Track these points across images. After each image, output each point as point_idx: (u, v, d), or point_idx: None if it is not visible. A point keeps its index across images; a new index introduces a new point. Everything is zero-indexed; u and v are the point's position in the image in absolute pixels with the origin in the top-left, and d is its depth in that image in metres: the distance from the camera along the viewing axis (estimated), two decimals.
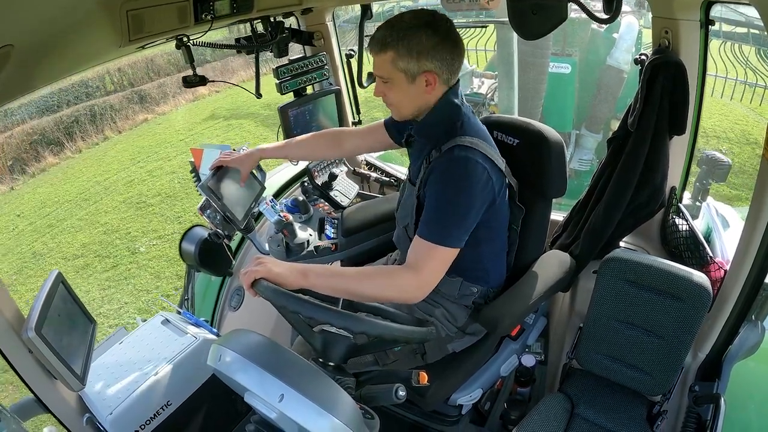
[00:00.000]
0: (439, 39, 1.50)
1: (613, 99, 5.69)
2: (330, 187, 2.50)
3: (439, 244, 1.51)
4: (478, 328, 1.83)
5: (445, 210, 1.53)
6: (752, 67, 7.06)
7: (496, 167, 1.60)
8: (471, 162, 1.53)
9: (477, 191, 1.54)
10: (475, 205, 1.54)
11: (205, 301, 2.57)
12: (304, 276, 1.39)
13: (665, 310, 1.73)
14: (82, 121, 10.69)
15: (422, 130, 1.67)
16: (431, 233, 1.52)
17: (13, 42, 1.02)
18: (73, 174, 9.28)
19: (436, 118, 1.63)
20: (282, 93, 2.40)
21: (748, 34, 7.28)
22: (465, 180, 1.53)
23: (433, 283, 1.53)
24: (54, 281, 1.45)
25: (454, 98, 1.62)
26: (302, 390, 1.08)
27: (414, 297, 1.52)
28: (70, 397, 1.52)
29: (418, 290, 1.51)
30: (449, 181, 1.54)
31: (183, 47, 1.85)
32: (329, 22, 2.62)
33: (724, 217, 2.11)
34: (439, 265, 1.53)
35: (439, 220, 1.53)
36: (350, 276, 1.48)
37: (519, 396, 2.24)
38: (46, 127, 10.35)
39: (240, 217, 2.04)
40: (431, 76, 1.54)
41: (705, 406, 1.71)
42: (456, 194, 1.53)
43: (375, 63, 1.58)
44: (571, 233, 2.17)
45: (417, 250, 1.53)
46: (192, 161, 2.13)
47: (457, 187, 1.53)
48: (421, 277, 1.50)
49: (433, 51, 1.50)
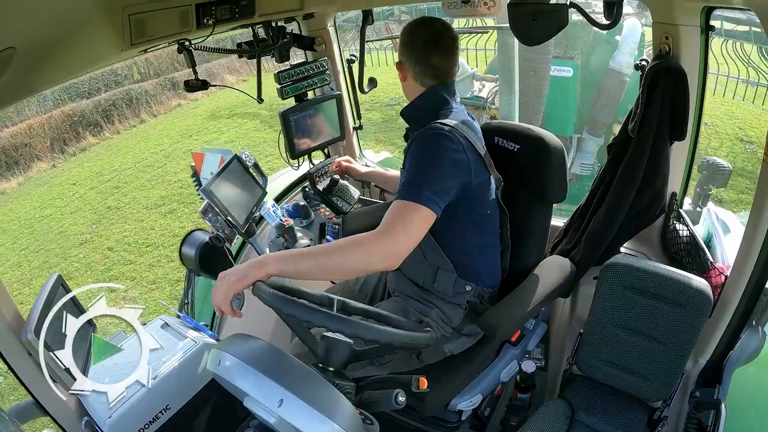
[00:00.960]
0: (419, 40, 1.74)
1: (615, 102, 5.69)
2: (331, 192, 2.50)
3: (411, 201, 1.50)
4: (474, 330, 1.83)
5: (417, 172, 1.58)
6: (755, 66, 7.06)
7: (475, 150, 1.67)
8: (444, 132, 1.63)
9: (448, 157, 1.60)
10: (444, 168, 1.59)
11: (205, 306, 2.56)
12: (262, 265, 1.34)
13: (666, 315, 1.72)
14: (119, 105, 11.52)
15: (407, 111, 1.84)
16: (404, 193, 1.53)
17: (16, 45, 1.03)
18: (121, 150, 10.24)
19: (422, 103, 1.78)
20: (283, 98, 2.40)
21: (749, 32, 7.29)
22: (435, 145, 1.61)
23: (406, 246, 1.47)
24: (54, 284, 1.45)
25: (444, 92, 1.76)
26: (302, 395, 1.07)
27: (386, 262, 1.46)
28: (69, 400, 1.51)
29: (389, 255, 1.44)
30: (420, 148, 1.63)
31: (185, 51, 1.86)
32: (330, 27, 2.63)
33: (724, 222, 2.11)
34: (411, 225, 1.48)
35: (411, 180, 1.56)
36: (318, 253, 1.44)
37: (519, 402, 2.23)
38: (85, 110, 11.26)
39: (241, 221, 2.04)
40: (400, 67, 1.80)
41: (706, 412, 1.70)
42: (426, 158, 1.60)
43: None
44: (571, 239, 2.17)
45: (390, 211, 1.51)
46: (193, 165, 2.13)
47: (427, 152, 1.61)
48: (392, 239, 1.44)
49: (405, 47, 1.77)
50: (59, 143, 10.64)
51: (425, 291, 1.86)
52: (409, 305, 1.86)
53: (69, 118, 10.93)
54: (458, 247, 1.77)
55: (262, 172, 2.27)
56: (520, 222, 1.89)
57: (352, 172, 2.46)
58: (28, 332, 1.29)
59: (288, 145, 2.42)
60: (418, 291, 1.88)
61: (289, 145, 2.42)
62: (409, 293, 1.90)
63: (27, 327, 1.30)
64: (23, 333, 1.29)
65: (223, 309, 1.35)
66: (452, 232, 1.74)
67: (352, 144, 2.90)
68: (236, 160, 2.12)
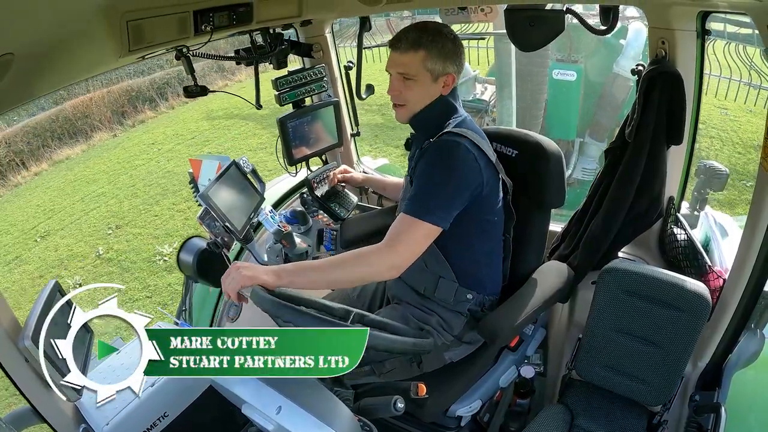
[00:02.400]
0: (458, 47, 1.69)
1: (618, 107, 5.67)
2: (329, 198, 2.50)
3: (418, 218, 1.55)
4: (474, 337, 1.83)
5: (428, 187, 1.59)
6: (756, 69, 7.07)
7: (486, 157, 1.67)
8: (457, 144, 1.61)
9: (461, 172, 1.60)
10: (458, 185, 1.60)
11: (202, 312, 2.56)
12: (278, 276, 1.43)
13: (664, 319, 1.72)
14: (172, 83, 12.24)
15: (419, 121, 1.76)
16: (412, 208, 1.57)
17: (14, 50, 1.03)
18: (185, 119, 11.07)
19: (433, 112, 1.73)
20: (281, 104, 2.40)
21: (752, 35, 7.30)
22: (450, 160, 1.60)
23: (407, 260, 1.55)
24: (51, 290, 1.44)
25: (452, 99, 1.73)
26: (300, 402, 1.07)
27: (387, 274, 1.56)
28: (66, 407, 1.51)
29: (391, 266, 1.53)
30: (435, 160, 1.63)
31: (183, 58, 1.86)
32: (328, 34, 2.63)
33: (722, 226, 2.11)
34: (415, 241, 1.55)
35: (421, 196, 1.59)
36: (324, 266, 1.54)
37: (518, 407, 2.22)
38: (141, 86, 12.06)
39: (239, 227, 2.04)
40: (450, 78, 1.70)
41: (705, 416, 1.69)
42: (440, 172, 1.60)
43: (400, 61, 1.69)
44: (569, 244, 2.17)
45: (396, 225, 1.58)
46: (191, 172, 2.13)
47: (441, 166, 1.61)
48: (395, 253, 1.53)
49: (454, 56, 1.68)
50: (118, 116, 11.54)
51: (425, 299, 1.85)
52: (409, 312, 1.85)
53: (127, 93, 11.81)
54: (464, 255, 1.76)
55: (260, 178, 2.27)
56: (519, 227, 1.89)
57: (350, 181, 2.46)
58: (25, 338, 1.28)
59: (286, 152, 2.42)
60: (418, 298, 1.86)
61: (286, 152, 2.42)
62: (408, 300, 1.89)
63: (24, 333, 1.29)
64: (20, 339, 1.29)
65: (230, 295, 1.43)
66: (459, 239, 1.73)
67: (349, 150, 2.89)
68: (234, 166, 2.12)
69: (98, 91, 11.32)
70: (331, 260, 1.56)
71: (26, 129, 10.34)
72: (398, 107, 1.74)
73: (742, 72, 7.08)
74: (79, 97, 11.05)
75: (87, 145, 10.66)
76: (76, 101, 11.00)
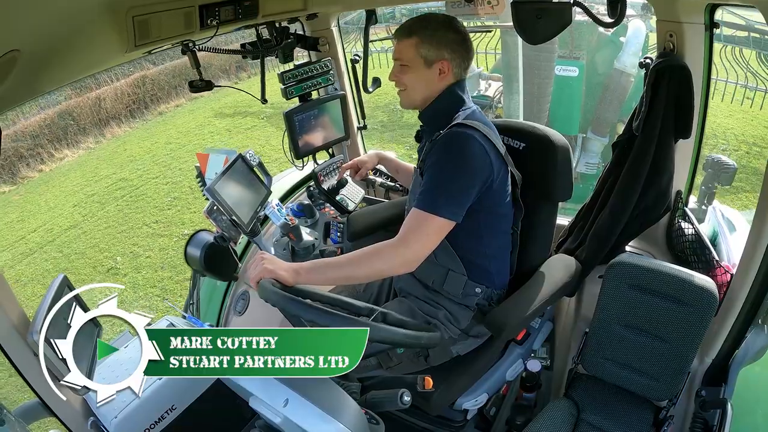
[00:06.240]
0: (459, 37, 1.70)
1: (620, 102, 5.67)
2: (336, 191, 2.51)
3: (430, 212, 1.56)
4: (481, 331, 1.83)
5: (439, 180, 1.60)
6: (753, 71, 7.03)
7: (496, 149, 1.67)
8: (467, 137, 1.61)
9: (472, 164, 1.61)
10: (469, 177, 1.60)
11: (210, 306, 2.57)
12: (297, 274, 1.46)
13: (671, 314, 1.72)
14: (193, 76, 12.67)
15: (428, 115, 1.78)
16: (424, 203, 1.57)
17: (20, 47, 1.03)
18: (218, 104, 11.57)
19: (442, 104, 1.74)
20: (287, 98, 2.40)
21: (748, 38, 7.26)
22: (460, 153, 1.61)
23: (421, 255, 1.57)
24: (60, 284, 1.45)
25: (460, 91, 1.74)
26: (307, 395, 1.08)
27: (401, 269, 1.59)
28: (74, 401, 1.52)
29: (405, 261, 1.56)
30: (445, 153, 1.62)
31: (189, 52, 1.86)
32: (334, 27, 2.62)
33: (730, 220, 2.10)
34: (428, 236, 1.57)
35: (433, 190, 1.59)
36: (341, 264, 1.55)
37: (524, 401, 2.22)
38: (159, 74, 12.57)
39: (246, 221, 2.05)
40: (445, 65, 1.70)
41: (712, 411, 1.69)
42: (450, 166, 1.60)
43: (397, 48, 1.74)
44: (576, 237, 2.16)
45: (409, 220, 1.59)
46: (197, 166, 2.13)
47: (452, 159, 1.61)
48: (409, 248, 1.55)
49: (452, 44, 1.69)
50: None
51: (433, 292, 1.85)
52: (416, 306, 1.85)
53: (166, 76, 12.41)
54: (473, 248, 1.76)
55: (267, 172, 2.27)
56: (526, 221, 1.88)
57: (362, 166, 2.35)
58: (33, 333, 1.29)
59: (292, 145, 2.42)
60: (426, 292, 1.86)
61: (293, 145, 2.42)
62: (416, 294, 1.89)
63: (33, 327, 1.30)
64: (29, 334, 1.30)
65: (252, 285, 1.47)
66: (469, 232, 1.72)
67: (356, 144, 2.89)
68: (241, 160, 2.12)
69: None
70: (348, 257, 1.57)
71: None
72: (401, 93, 1.77)
73: (739, 74, 7.05)
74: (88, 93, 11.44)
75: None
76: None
